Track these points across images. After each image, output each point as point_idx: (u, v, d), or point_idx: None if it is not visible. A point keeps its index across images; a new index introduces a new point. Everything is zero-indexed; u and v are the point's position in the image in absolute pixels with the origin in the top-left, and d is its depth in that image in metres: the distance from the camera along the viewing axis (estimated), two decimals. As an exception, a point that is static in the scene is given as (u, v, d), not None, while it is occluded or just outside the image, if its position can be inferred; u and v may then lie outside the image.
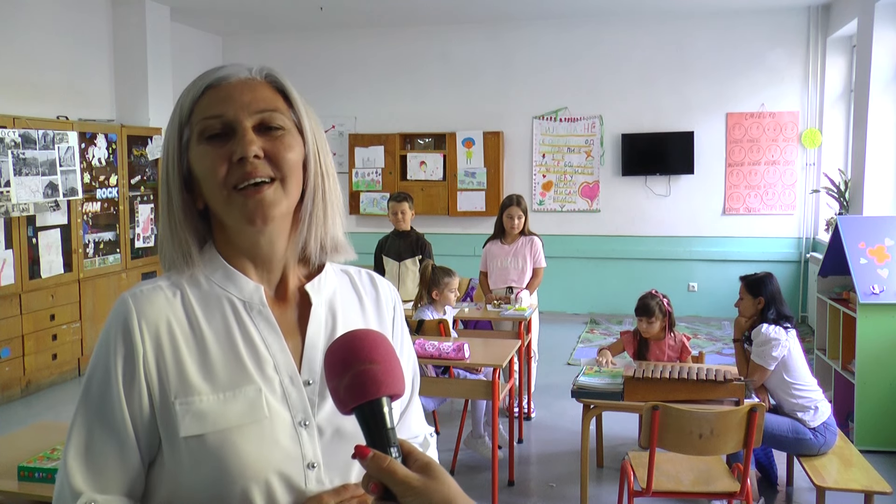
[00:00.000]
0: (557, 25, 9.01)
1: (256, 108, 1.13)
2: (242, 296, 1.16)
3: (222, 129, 1.12)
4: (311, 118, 1.19)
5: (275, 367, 1.14)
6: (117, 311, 1.12)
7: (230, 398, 1.09)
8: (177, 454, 1.08)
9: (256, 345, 1.14)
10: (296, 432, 1.11)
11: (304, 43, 9.70)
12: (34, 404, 6.00)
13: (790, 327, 3.98)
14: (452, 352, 4.12)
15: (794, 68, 8.50)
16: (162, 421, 1.09)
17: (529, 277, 5.70)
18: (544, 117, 9.17)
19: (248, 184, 1.10)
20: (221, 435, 1.07)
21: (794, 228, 8.62)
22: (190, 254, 1.16)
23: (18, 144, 5.84)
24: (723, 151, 8.73)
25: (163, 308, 1.12)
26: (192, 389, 1.09)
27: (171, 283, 1.16)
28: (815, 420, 3.82)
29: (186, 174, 1.15)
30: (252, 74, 1.17)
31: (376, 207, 9.43)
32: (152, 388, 1.09)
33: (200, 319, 1.14)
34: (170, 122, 1.18)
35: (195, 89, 1.15)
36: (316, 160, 1.18)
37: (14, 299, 5.96)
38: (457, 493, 0.91)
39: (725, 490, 3.40)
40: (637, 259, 8.96)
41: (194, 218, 1.17)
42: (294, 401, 1.13)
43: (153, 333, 1.10)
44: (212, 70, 1.18)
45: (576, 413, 4.21)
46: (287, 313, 1.19)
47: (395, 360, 0.98)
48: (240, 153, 1.10)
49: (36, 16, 6.81)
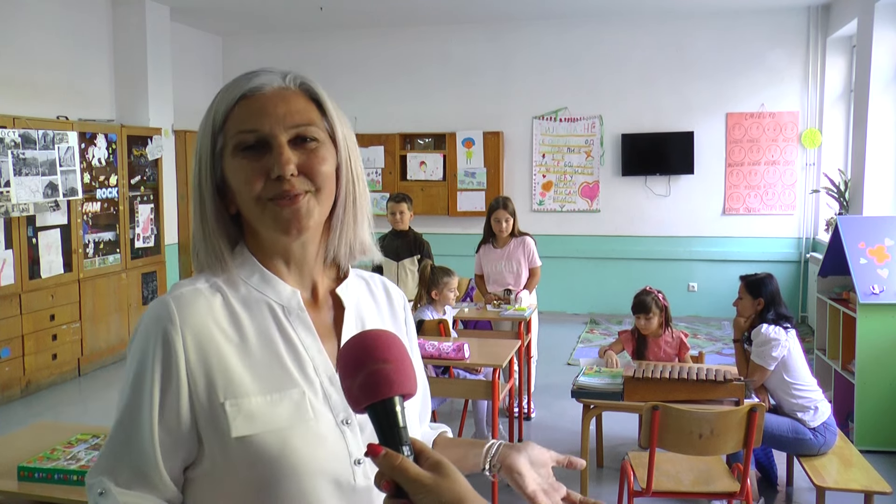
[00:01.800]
0: (557, 25, 9.01)
1: (292, 121, 1.14)
2: (280, 300, 1.18)
3: (257, 143, 1.13)
4: (343, 125, 1.20)
5: (314, 369, 1.16)
6: (158, 315, 1.12)
7: (277, 400, 1.12)
8: (226, 455, 1.09)
9: (297, 348, 1.16)
10: (340, 431, 1.14)
11: (304, 43, 9.70)
12: (34, 404, 6.00)
13: (790, 327, 3.98)
14: (452, 352, 4.12)
15: (794, 68, 8.50)
16: (209, 424, 1.09)
17: (526, 278, 5.69)
18: (544, 117, 9.17)
19: (283, 198, 1.12)
20: (273, 435, 1.09)
21: (794, 228, 8.62)
22: (223, 259, 1.17)
23: (18, 144, 5.84)
24: (723, 151, 8.73)
25: (204, 311, 1.13)
26: (241, 391, 1.10)
27: (210, 286, 1.17)
28: (814, 420, 3.82)
29: (219, 182, 1.17)
30: (286, 83, 1.17)
31: (376, 207, 9.42)
32: (196, 393, 1.09)
33: (243, 322, 1.15)
34: (202, 129, 1.18)
35: (229, 98, 1.15)
36: (348, 167, 1.20)
37: (14, 299, 5.96)
38: (468, 491, 0.92)
39: (725, 490, 3.40)
40: (637, 259, 8.96)
41: (226, 223, 1.19)
42: (335, 401, 1.15)
43: (196, 337, 1.10)
44: (245, 77, 1.17)
45: (576, 413, 4.21)
46: (321, 316, 1.22)
47: (407, 360, 0.99)
48: (277, 172, 1.11)
49: (36, 16, 6.81)
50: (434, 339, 4.35)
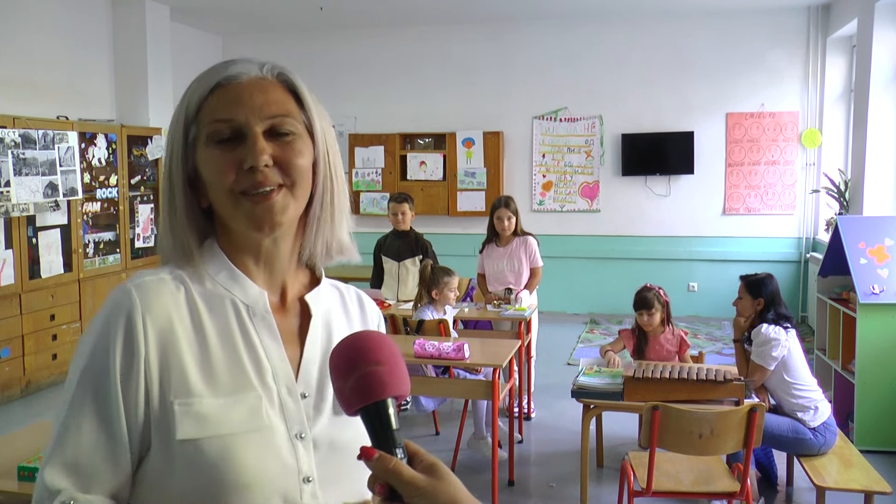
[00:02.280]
0: (557, 25, 9.01)
1: (268, 112, 1.10)
2: (247, 299, 1.13)
3: (232, 134, 1.09)
4: (322, 119, 1.17)
5: (273, 376, 1.10)
6: (119, 301, 1.06)
7: (231, 404, 1.06)
8: (170, 459, 1.03)
9: (257, 351, 1.11)
10: (292, 445, 1.08)
11: (304, 43, 9.70)
12: (34, 404, 6.00)
13: (790, 327, 3.98)
14: (452, 352, 4.12)
15: (794, 68, 8.50)
16: (157, 422, 1.04)
17: (527, 278, 5.69)
18: (544, 117, 9.17)
19: (256, 192, 1.08)
20: (220, 441, 1.03)
21: (794, 228, 8.62)
22: (190, 254, 1.12)
23: (18, 144, 5.84)
24: (723, 151, 8.73)
25: (167, 302, 1.08)
26: (192, 390, 1.04)
27: (174, 277, 1.11)
28: (814, 420, 3.82)
29: (191, 172, 1.12)
30: (263, 73, 1.13)
31: (376, 207, 9.43)
32: (151, 387, 1.04)
33: (204, 319, 1.10)
34: (175, 118, 1.14)
35: (203, 87, 1.11)
36: (325, 163, 1.15)
37: (14, 299, 5.96)
38: (463, 494, 0.91)
39: (725, 490, 3.40)
40: (637, 259, 8.96)
41: (197, 216, 1.14)
42: (291, 412, 1.10)
43: (157, 329, 1.05)
44: (221, 66, 1.13)
45: (576, 413, 4.21)
46: (287, 322, 1.17)
47: (400, 362, 0.97)
48: (250, 162, 1.07)
49: (36, 16, 6.81)
50: (434, 339, 4.35)
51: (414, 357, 4.18)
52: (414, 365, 4.42)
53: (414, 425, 5.40)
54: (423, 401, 4.74)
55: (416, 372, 4.53)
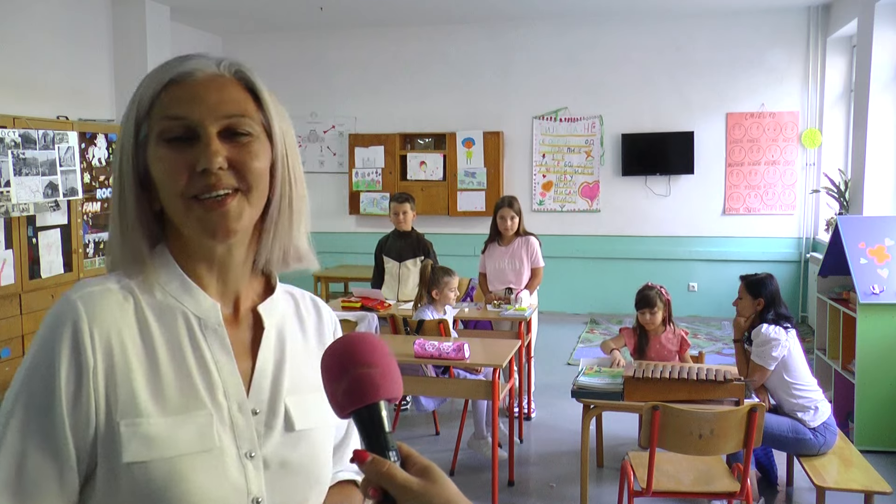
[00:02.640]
0: (557, 25, 9.01)
1: (224, 111, 1.03)
2: (198, 312, 1.07)
3: (184, 133, 1.02)
4: (281, 119, 1.10)
5: (224, 392, 1.05)
6: (63, 313, 1.00)
7: (180, 423, 1.00)
8: (116, 482, 0.97)
9: (209, 367, 1.05)
10: (241, 465, 1.04)
11: (305, 43, 9.70)
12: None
13: (790, 327, 3.98)
14: (452, 352, 4.12)
15: (794, 68, 8.51)
16: (103, 443, 0.98)
17: (528, 278, 5.69)
18: (544, 117, 9.17)
19: (209, 196, 1.02)
20: (168, 463, 0.98)
21: (794, 228, 8.62)
22: (142, 259, 1.06)
23: (18, 144, 5.84)
24: (723, 151, 8.73)
25: (115, 315, 1.01)
26: (139, 410, 0.98)
27: (121, 287, 1.05)
28: (815, 420, 3.82)
29: (143, 173, 1.05)
30: (220, 70, 1.06)
31: (376, 207, 9.43)
32: (98, 406, 0.97)
33: (154, 332, 1.03)
34: (126, 114, 1.07)
35: (156, 82, 1.04)
36: (284, 165, 1.09)
37: (14, 299, 5.96)
38: (457, 497, 0.90)
39: (725, 490, 3.40)
40: (637, 259, 8.96)
41: (148, 220, 1.07)
42: (241, 430, 1.05)
43: (105, 343, 0.99)
44: (176, 61, 1.07)
45: (576, 413, 4.21)
46: (239, 334, 1.11)
47: (392, 364, 0.95)
48: (203, 164, 1.01)
49: (36, 15, 6.81)
50: (434, 339, 4.35)
51: (414, 357, 4.18)
52: (414, 365, 4.43)
53: (414, 425, 5.40)
54: (423, 401, 4.74)
55: (417, 372, 4.53)
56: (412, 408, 5.44)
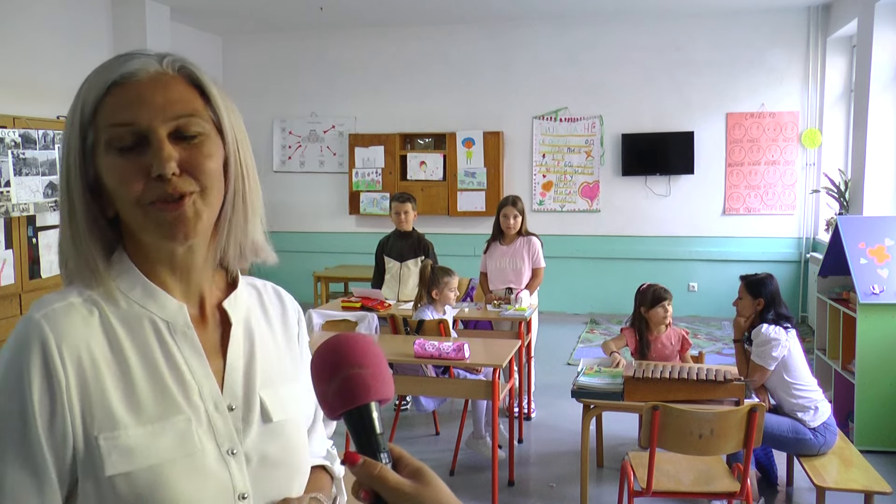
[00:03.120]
0: (557, 25, 9.01)
1: (172, 113, 1.01)
2: (165, 316, 1.06)
3: (134, 141, 1.00)
4: (231, 114, 1.08)
5: (199, 393, 1.05)
6: (28, 334, 0.97)
7: (158, 431, 1.00)
8: (101, 495, 0.97)
9: (181, 370, 1.05)
10: (224, 462, 1.04)
11: (305, 43, 9.70)
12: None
13: (790, 327, 3.98)
14: (452, 352, 4.11)
15: (794, 68, 8.51)
16: (83, 459, 0.97)
17: (529, 278, 5.69)
18: (544, 117, 9.17)
19: (166, 200, 1.01)
20: (151, 472, 0.98)
21: (794, 228, 8.62)
22: (97, 269, 1.03)
23: (18, 144, 5.84)
24: (723, 151, 8.73)
25: (81, 330, 1.00)
26: (116, 423, 0.98)
27: (84, 300, 1.03)
28: (815, 420, 3.82)
29: (92, 180, 1.03)
30: (164, 67, 1.03)
31: (376, 207, 9.43)
32: (75, 424, 0.97)
33: (123, 342, 1.02)
34: (68, 120, 1.04)
35: (98, 86, 1.01)
36: (236, 161, 1.07)
37: (14, 299, 5.96)
38: (449, 498, 0.90)
39: (725, 490, 3.40)
40: (637, 259, 8.96)
41: (101, 228, 1.05)
42: (220, 429, 1.05)
43: (74, 360, 0.97)
44: (116, 61, 1.03)
45: (576, 413, 4.20)
46: (208, 334, 1.11)
47: (383, 365, 0.95)
48: (157, 170, 0.98)
49: (36, 16, 6.81)
50: (434, 339, 4.35)
51: (414, 357, 4.18)
52: (414, 365, 4.43)
53: (414, 425, 5.40)
54: (423, 401, 4.74)
55: (417, 372, 4.53)
56: (412, 408, 5.44)
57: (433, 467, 0.93)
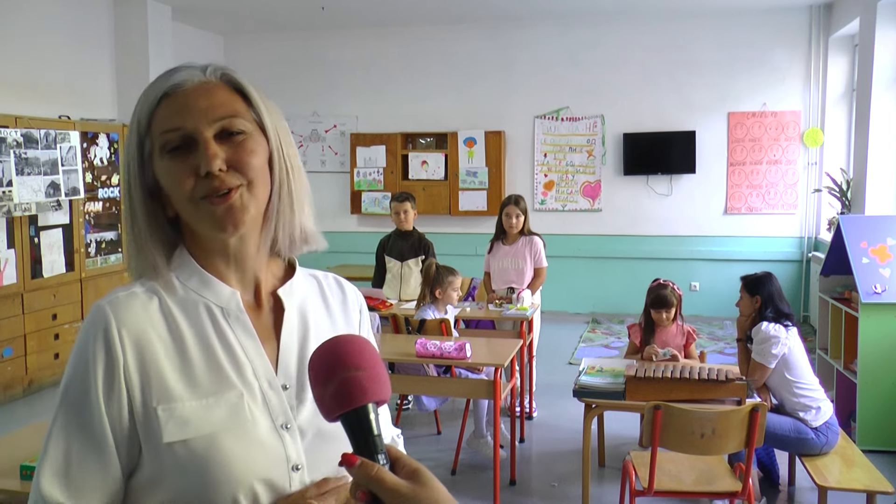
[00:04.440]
0: (559, 25, 9.00)
1: (215, 115, 1.11)
2: (219, 301, 1.16)
3: (182, 142, 1.10)
4: (272, 114, 1.17)
5: (253, 372, 1.13)
6: (94, 319, 1.10)
7: (213, 404, 1.08)
8: (160, 461, 1.07)
9: (235, 350, 1.13)
10: (278, 436, 1.11)
11: (306, 42, 9.70)
12: (36, 404, 6.01)
13: (790, 325, 3.98)
14: (454, 351, 4.12)
15: (796, 67, 8.50)
16: (144, 428, 1.07)
17: (531, 278, 5.69)
18: (546, 117, 9.16)
19: (216, 194, 1.10)
20: (206, 439, 1.06)
21: (796, 228, 8.62)
22: (157, 265, 1.14)
23: (20, 144, 5.84)
24: (724, 151, 8.73)
25: (141, 314, 1.11)
26: (173, 396, 1.08)
27: (146, 289, 1.14)
28: (816, 420, 3.81)
29: (152, 185, 1.14)
30: (207, 76, 1.14)
31: (378, 207, 9.43)
32: (133, 396, 1.07)
33: (180, 325, 1.12)
34: (128, 134, 1.16)
35: (150, 99, 1.13)
36: (280, 156, 1.17)
37: (16, 299, 5.96)
38: (446, 499, 0.91)
39: (727, 490, 3.40)
40: (639, 258, 8.96)
41: (162, 227, 1.16)
42: (274, 405, 1.12)
43: (133, 340, 1.08)
44: (165, 76, 1.15)
45: (577, 412, 4.20)
46: (262, 318, 1.19)
47: (380, 366, 0.97)
48: (204, 168, 1.08)
49: (37, 15, 6.82)
50: (436, 339, 4.35)
51: (416, 357, 4.18)
52: (415, 364, 4.43)
53: (415, 425, 5.40)
54: (424, 400, 4.74)
55: (418, 371, 4.53)
56: (414, 407, 5.44)
57: (434, 467, 0.93)
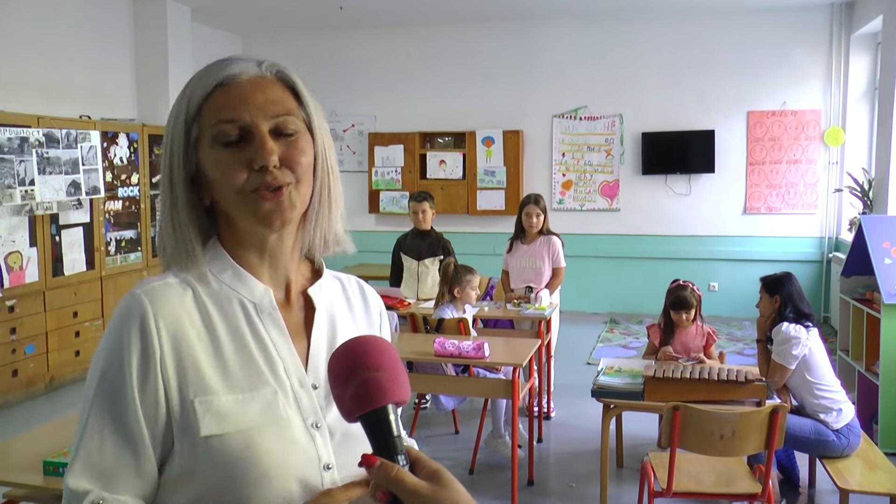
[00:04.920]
0: (577, 24, 8.97)
1: (272, 111, 1.10)
2: (253, 297, 1.15)
3: (238, 135, 1.09)
4: (319, 115, 1.18)
5: (285, 370, 1.12)
6: (130, 307, 1.08)
7: (248, 399, 1.07)
8: (195, 456, 1.05)
9: (268, 347, 1.13)
10: (309, 435, 1.10)
11: (324, 42, 9.73)
12: (57, 400, 6.06)
13: (811, 326, 3.94)
14: (472, 350, 4.11)
15: (817, 66, 8.43)
16: (180, 421, 1.06)
17: (549, 277, 5.67)
18: (564, 116, 9.14)
19: (267, 189, 1.09)
20: (243, 435, 1.05)
21: (816, 228, 8.54)
22: (194, 254, 1.13)
23: (42, 144, 5.90)
24: (744, 150, 8.67)
25: (176, 306, 1.09)
26: (210, 388, 1.06)
27: (180, 281, 1.12)
28: (837, 422, 3.78)
29: (193, 173, 1.13)
30: (262, 71, 1.13)
31: (396, 206, 9.44)
32: (169, 388, 1.05)
33: (214, 318, 1.11)
34: (174, 116, 1.13)
35: (204, 87, 1.11)
36: (324, 158, 1.17)
37: (38, 296, 6.02)
38: (466, 501, 0.90)
39: (747, 491, 3.37)
40: (657, 258, 8.92)
41: (199, 216, 1.15)
42: (304, 404, 1.12)
43: (170, 331, 1.07)
44: (220, 64, 1.13)
45: (596, 413, 4.19)
46: (292, 316, 1.19)
47: (399, 367, 0.97)
48: (260, 162, 1.08)
49: (58, 16, 6.88)
50: (454, 338, 4.35)
51: (434, 356, 4.18)
52: (434, 364, 4.43)
53: (433, 424, 5.41)
54: (442, 400, 4.74)
55: (436, 371, 4.53)
56: (432, 406, 5.45)
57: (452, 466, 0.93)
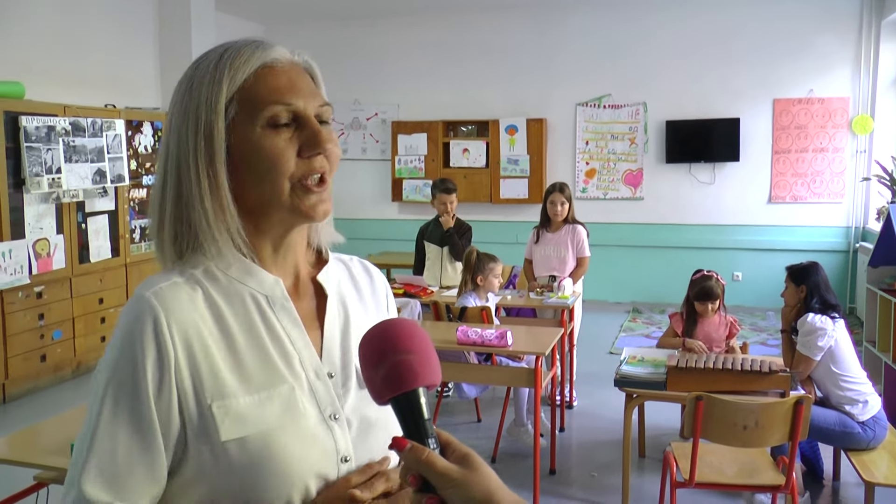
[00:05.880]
0: (601, 11, 8.90)
1: (318, 100, 1.10)
2: (263, 290, 1.11)
3: (290, 119, 1.07)
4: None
5: (300, 362, 1.10)
6: (140, 310, 1.03)
7: (266, 399, 1.05)
8: (213, 461, 1.02)
9: (282, 341, 1.10)
10: (327, 427, 1.09)
11: (347, 31, 9.73)
12: (84, 385, 6.14)
13: (837, 317, 3.90)
14: (495, 339, 4.12)
15: (845, 53, 8.30)
16: (197, 428, 1.03)
17: (573, 266, 5.65)
18: (588, 104, 9.08)
19: (313, 179, 1.08)
20: (263, 437, 1.03)
21: (843, 217, 8.44)
22: (243, 239, 1.08)
23: (69, 132, 5.96)
24: (769, 138, 8.57)
25: (187, 307, 1.05)
26: (227, 391, 1.03)
27: (186, 279, 1.08)
28: (863, 414, 3.74)
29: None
30: (296, 59, 1.12)
31: (419, 194, 9.44)
32: (185, 395, 1.02)
33: (227, 316, 1.08)
34: (208, 90, 1.06)
35: (250, 65, 1.07)
36: None
37: (65, 283, 6.10)
38: (497, 485, 0.90)
39: (770, 483, 3.35)
40: (680, 247, 8.85)
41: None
42: (322, 395, 1.10)
43: (183, 335, 1.03)
44: (256, 46, 1.09)
45: (618, 402, 4.18)
46: (304, 306, 1.16)
47: (430, 350, 0.97)
48: (316, 149, 1.07)
49: (83, 6, 6.93)
50: (477, 326, 4.35)
51: (456, 344, 4.19)
52: (456, 352, 4.44)
53: (456, 412, 5.42)
54: (465, 388, 4.75)
55: (459, 359, 4.54)
56: (454, 394, 5.46)
57: (474, 455, 0.93)
